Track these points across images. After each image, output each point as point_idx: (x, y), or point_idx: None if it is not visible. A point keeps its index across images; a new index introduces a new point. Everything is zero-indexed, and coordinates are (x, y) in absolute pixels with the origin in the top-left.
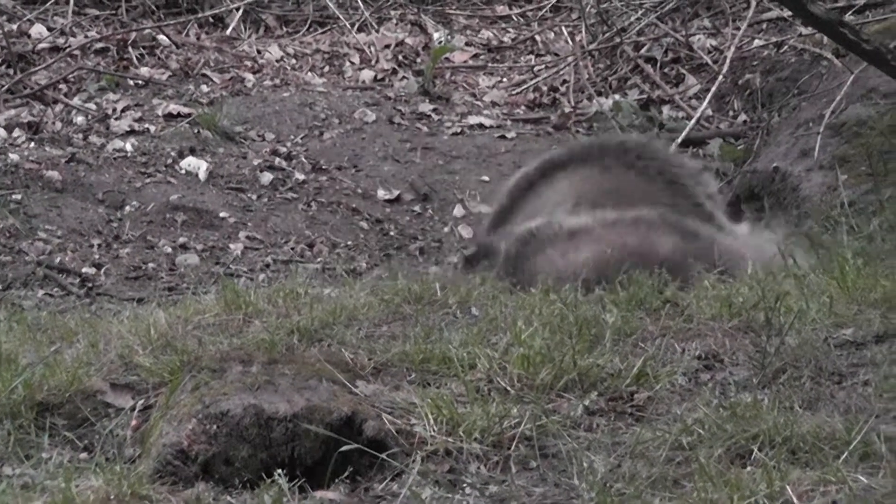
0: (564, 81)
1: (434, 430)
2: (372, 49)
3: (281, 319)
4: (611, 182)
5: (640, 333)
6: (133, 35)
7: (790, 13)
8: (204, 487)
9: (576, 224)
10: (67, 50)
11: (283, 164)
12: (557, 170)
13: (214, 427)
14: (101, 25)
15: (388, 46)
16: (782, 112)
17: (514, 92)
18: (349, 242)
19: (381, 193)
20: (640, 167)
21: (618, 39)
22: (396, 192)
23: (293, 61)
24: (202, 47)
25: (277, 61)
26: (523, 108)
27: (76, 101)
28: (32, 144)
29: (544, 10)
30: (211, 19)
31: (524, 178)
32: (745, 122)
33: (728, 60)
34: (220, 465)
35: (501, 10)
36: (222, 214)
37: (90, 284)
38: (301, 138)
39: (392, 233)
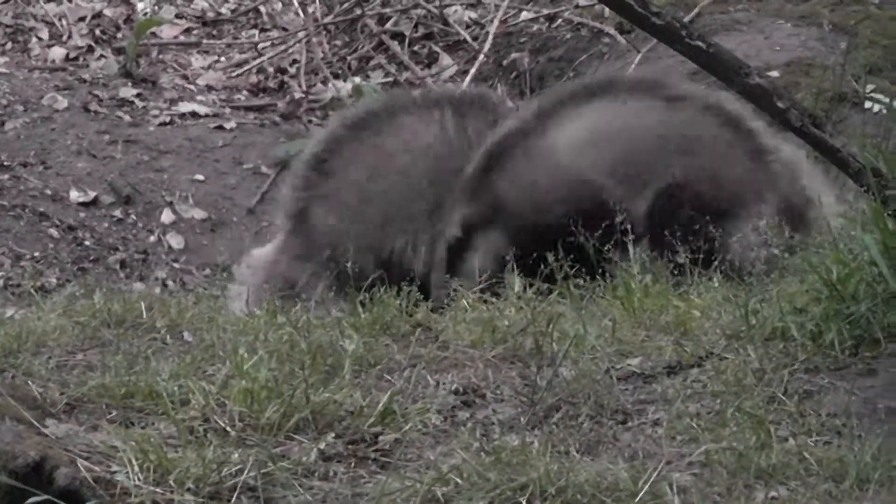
0: (294, 61)
1: (139, 479)
2: (64, 22)
3: None
4: None
5: (386, 363)
6: None
7: None
8: None
9: None
10: None
11: None
12: None
13: None
14: None
15: (82, 19)
16: None
17: (233, 74)
18: (36, 254)
19: (75, 195)
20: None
21: (358, 11)
22: (93, 194)
23: None
24: None
25: None
26: (245, 92)
27: None
28: None
29: None
30: None
31: None
32: None
33: (491, 36)
34: None
35: None
36: None
37: None
38: None
39: (88, 242)
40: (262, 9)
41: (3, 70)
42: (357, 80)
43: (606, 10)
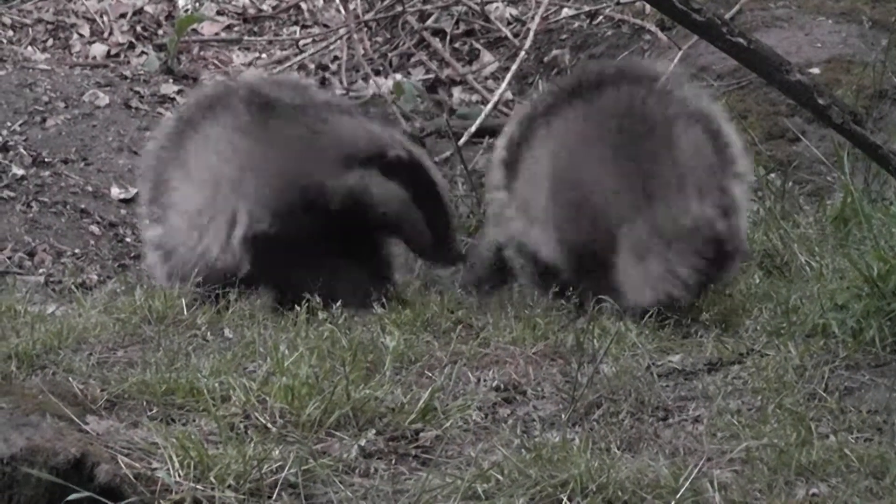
0: (335, 58)
1: (180, 476)
2: (105, 19)
3: None
4: None
5: (427, 360)
6: None
7: None
8: None
9: None
10: None
11: None
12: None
13: None
14: None
15: (123, 16)
16: None
17: (274, 70)
18: (77, 250)
19: (116, 192)
20: None
21: (399, 8)
22: (134, 191)
23: (10, 33)
24: None
25: None
26: None
27: None
28: None
29: None
30: None
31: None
32: None
33: (532, 33)
34: None
35: None
36: None
37: None
38: (19, 126)
39: (129, 239)
40: (303, 5)
41: (44, 67)
42: (398, 77)
43: (647, 6)
